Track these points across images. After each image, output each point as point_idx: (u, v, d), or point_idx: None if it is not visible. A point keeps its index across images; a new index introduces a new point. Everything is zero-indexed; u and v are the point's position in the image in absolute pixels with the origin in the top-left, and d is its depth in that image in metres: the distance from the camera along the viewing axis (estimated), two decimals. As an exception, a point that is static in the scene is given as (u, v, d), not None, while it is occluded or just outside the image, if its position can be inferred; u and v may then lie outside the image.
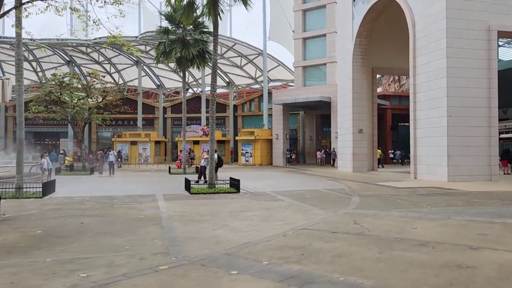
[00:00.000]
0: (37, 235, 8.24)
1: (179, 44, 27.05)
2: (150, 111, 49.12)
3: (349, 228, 8.87)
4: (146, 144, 43.57)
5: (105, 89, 32.51)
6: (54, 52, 43.00)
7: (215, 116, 17.25)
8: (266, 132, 39.06)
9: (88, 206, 12.44)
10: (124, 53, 43.57)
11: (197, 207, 12.24)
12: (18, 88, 15.30)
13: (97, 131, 49.82)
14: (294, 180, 22.37)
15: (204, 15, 20.90)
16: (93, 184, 19.74)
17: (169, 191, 16.89)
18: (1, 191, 14.87)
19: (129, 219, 10.18)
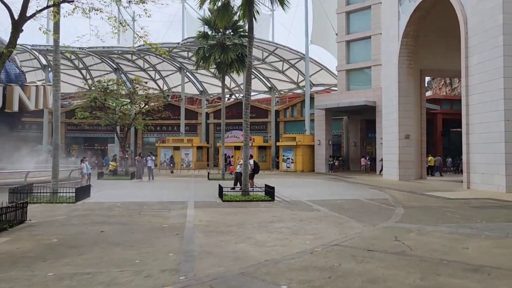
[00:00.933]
0: (51, 244, 7.87)
1: (218, 49, 26.77)
2: (193, 117, 49.46)
3: (388, 245, 7.84)
4: (189, 150, 43.77)
5: (148, 95, 32.86)
6: (101, 60, 44.32)
7: (249, 120, 16.60)
8: (308, 138, 38.00)
9: (115, 213, 12.12)
10: (168, 60, 44.14)
11: (225, 216, 11.58)
12: (55, 93, 15.42)
13: (142, 136, 50.80)
14: (334, 188, 21.24)
15: (238, 16, 20.32)
16: (129, 189, 19.65)
17: (202, 198, 16.39)
18: (38, 196, 15.00)
19: (151, 228, 9.67)
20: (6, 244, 7.81)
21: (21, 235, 8.66)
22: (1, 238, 8.35)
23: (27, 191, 14.78)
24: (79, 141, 51.83)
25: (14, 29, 9.46)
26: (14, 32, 9.49)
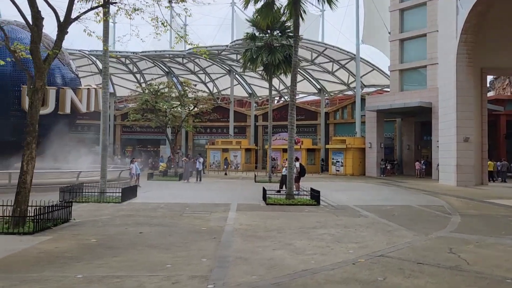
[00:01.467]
0: (89, 244, 7.87)
1: (266, 50, 26.50)
2: (242, 119, 49.60)
3: (442, 258, 7.10)
4: (237, 152, 43.90)
5: (196, 98, 33.24)
6: (154, 64, 45.57)
7: (294, 122, 16.10)
8: (359, 141, 36.77)
9: (158, 214, 12.12)
10: (217, 63, 44.57)
11: (266, 220, 11.20)
12: (103, 95, 15.80)
13: (193, 138, 51.65)
14: (385, 193, 20.21)
15: (285, 16, 19.92)
16: (175, 191, 19.79)
17: (246, 200, 16.11)
18: (87, 195, 15.42)
19: (190, 230, 9.48)
20: (47, 243, 7.90)
21: (63, 234, 8.77)
22: (44, 237, 8.49)
23: (77, 190, 15.19)
24: (133, 142, 53.54)
25: (59, 31, 9.67)
26: (59, 34, 9.71)
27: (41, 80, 9.43)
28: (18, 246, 7.63)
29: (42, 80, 9.45)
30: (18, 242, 7.98)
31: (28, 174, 9.44)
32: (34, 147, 9.52)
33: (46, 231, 9.11)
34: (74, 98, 18.98)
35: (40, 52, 9.40)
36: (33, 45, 9.22)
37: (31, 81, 9.45)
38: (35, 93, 9.40)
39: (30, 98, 9.47)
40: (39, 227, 9.11)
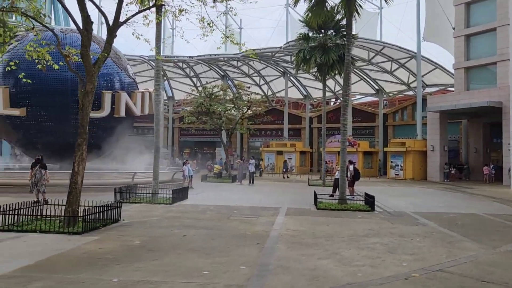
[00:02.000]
0: (132, 246, 7.85)
1: (319, 50, 25.86)
2: (297, 122, 49.03)
3: (511, 275, 6.25)
4: (292, 154, 43.35)
5: (250, 100, 33.25)
6: (210, 67, 46.32)
7: (347, 123, 15.40)
8: (420, 143, 34.86)
9: (206, 216, 12.01)
10: (272, 65, 44.42)
11: (315, 226, 10.68)
12: (156, 98, 16.06)
13: (248, 140, 51.84)
14: (448, 199, 18.82)
15: (341, 15, 19.20)
16: (227, 193, 19.74)
17: (296, 204, 15.65)
18: (140, 196, 15.72)
19: (234, 235, 9.23)
20: (92, 244, 7.98)
21: (109, 235, 8.85)
22: (91, 237, 8.61)
23: (131, 191, 15.52)
24: (190, 144, 54.76)
25: (109, 34, 9.85)
26: (108, 38, 9.88)
27: (91, 83, 9.63)
28: (65, 245, 7.76)
29: (92, 83, 9.66)
30: (67, 241, 8.13)
31: (79, 174, 9.67)
32: (85, 148, 9.75)
33: (95, 231, 9.26)
34: (129, 102, 19.54)
35: (90, 56, 9.61)
36: (83, 49, 9.45)
37: (82, 84, 9.68)
38: (86, 95, 9.62)
39: (81, 101, 9.71)
40: (88, 227, 9.28)
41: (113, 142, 22.69)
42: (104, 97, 18.69)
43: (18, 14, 8.73)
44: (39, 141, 19.33)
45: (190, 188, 20.02)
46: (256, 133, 49.14)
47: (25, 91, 18.97)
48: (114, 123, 20.51)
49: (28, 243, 7.92)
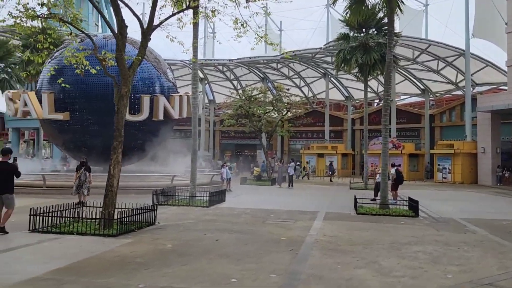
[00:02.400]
0: (163, 250, 7.77)
1: (360, 50, 25.13)
2: (338, 123, 48.09)
3: None
4: (333, 157, 42.54)
5: (289, 102, 32.91)
6: (249, 70, 46.38)
7: (388, 124, 14.75)
8: (469, 145, 33.09)
9: (241, 220, 11.83)
10: (312, 66, 43.83)
11: (354, 232, 10.22)
12: (193, 101, 16.12)
13: (289, 143, 51.44)
14: (501, 205, 17.63)
15: (383, 12, 18.54)
16: (265, 196, 19.51)
17: (336, 208, 15.17)
18: (178, 198, 15.81)
19: (268, 240, 8.97)
20: (125, 247, 7.98)
21: (143, 238, 8.85)
22: (125, 240, 8.64)
23: (169, 193, 15.63)
24: (231, 147, 55.04)
25: (143, 38, 9.90)
26: (143, 41, 9.93)
27: (126, 86, 9.71)
28: (99, 248, 7.80)
29: (127, 87, 9.74)
30: (101, 244, 8.18)
31: (115, 177, 9.77)
32: (120, 151, 9.84)
33: (130, 234, 9.29)
34: (167, 105, 19.77)
35: (125, 60, 9.70)
36: (118, 52, 9.54)
37: (117, 88, 9.79)
38: (121, 99, 9.71)
39: (116, 104, 9.81)
40: (123, 230, 9.34)
41: (155, 145, 23.10)
42: (142, 101, 19.02)
43: (55, 20, 8.94)
44: (84, 144, 19.95)
45: (228, 191, 19.97)
46: (297, 136, 48.62)
47: (72, 96, 19.65)
48: (156, 126, 20.82)
49: (64, 244, 8.04)
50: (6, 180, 9.07)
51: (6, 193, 9.03)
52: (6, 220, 9.08)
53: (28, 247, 7.86)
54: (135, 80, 19.46)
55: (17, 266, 6.44)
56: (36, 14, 8.83)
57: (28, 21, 8.89)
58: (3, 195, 9.00)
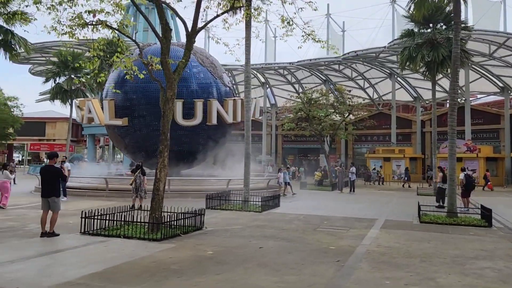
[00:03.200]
0: (202, 257, 7.51)
1: (427, 47, 23.51)
2: (406, 126, 45.66)
3: None
4: (400, 161, 40.46)
5: (351, 104, 31.73)
6: (311, 73, 45.59)
7: (455, 125, 13.39)
8: (557, 147, 29.69)
9: (291, 226, 11.32)
10: (377, 67, 42.07)
11: (413, 242, 9.30)
12: (246, 104, 15.89)
13: (353, 146, 49.83)
14: None
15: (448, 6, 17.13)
16: (322, 201, 18.76)
17: (398, 216, 14.11)
18: (232, 203, 15.64)
19: (314, 249, 8.39)
20: (165, 252, 7.84)
21: (186, 244, 8.68)
22: (168, 244, 8.52)
23: (222, 198, 15.50)
24: (294, 151, 54.47)
25: (188, 40, 9.81)
26: (188, 44, 9.84)
27: (171, 90, 9.67)
28: (140, 253, 7.73)
29: (173, 90, 9.69)
30: (143, 248, 8.12)
31: (161, 181, 9.74)
32: (166, 155, 9.80)
33: (175, 238, 9.18)
34: (220, 110, 19.75)
35: (169, 63, 9.65)
36: (162, 56, 9.52)
37: (163, 92, 9.77)
38: (166, 103, 9.68)
39: (162, 108, 9.80)
40: (168, 234, 9.26)
41: (215, 149, 23.29)
42: (196, 106, 19.17)
43: (103, 27, 9.11)
44: (145, 149, 20.54)
45: (283, 195, 19.50)
46: (362, 139, 46.98)
47: (134, 103, 20.37)
48: (215, 130, 20.91)
49: (108, 248, 8.07)
50: (52, 184, 9.23)
51: (53, 196, 9.20)
52: (54, 225, 9.19)
53: (74, 249, 8.00)
54: (192, 85, 19.74)
55: (57, 269, 6.50)
56: (85, 22, 9.04)
57: (79, 30, 9.12)
58: (49, 198, 9.17)
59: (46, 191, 9.22)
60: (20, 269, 6.37)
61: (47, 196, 9.17)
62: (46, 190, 9.23)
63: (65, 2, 8.94)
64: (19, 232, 9.55)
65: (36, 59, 47.49)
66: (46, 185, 9.25)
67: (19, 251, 7.54)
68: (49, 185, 9.21)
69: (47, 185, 9.23)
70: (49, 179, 9.24)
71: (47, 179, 9.25)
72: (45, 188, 9.28)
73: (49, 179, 9.24)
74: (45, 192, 9.23)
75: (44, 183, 9.33)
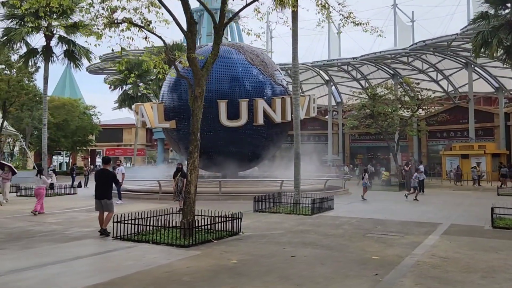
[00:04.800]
0: (222, 267, 6.84)
1: (504, 29, 20.87)
2: (487, 119, 41.54)
3: None
4: (480, 158, 36.86)
5: (419, 98, 29.38)
6: (377, 67, 43.22)
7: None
8: None
9: (338, 232, 10.27)
10: (451, 57, 38.73)
11: (477, 252, 7.86)
12: (294, 101, 15.01)
13: (427, 144, 46.51)
14: None
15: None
16: (385, 203, 17.22)
17: (466, 220, 12.42)
18: (283, 206, 14.83)
19: (353, 259, 7.35)
20: (186, 260, 7.29)
21: (213, 251, 8.06)
22: (193, 252, 7.97)
23: (272, 200, 14.73)
24: (362, 150, 52.15)
25: (215, 33, 9.23)
26: (216, 38, 9.25)
27: (200, 87, 9.14)
28: (160, 260, 7.27)
29: (201, 87, 9.15)
30: (166, 255, 7.65)
31: (192, 184, 9.23)
32: (196, 156, 9.28)
33: (204, 245, 8.61)
34: (267, 109, 18.92)
35: (197, 59, 9.13)
36: (188, 51, 9.02)
37: (191, 89, 9.29)
38: (195, 101, 9.17)
39: (191, 106, 9.31)
40: (199, 240, 8.73)
41: (271, 150, 22.61)
42: (241, 106, 18.54)
43: (129, 26, 8.81)
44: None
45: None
46: (436, 135, 43.71)
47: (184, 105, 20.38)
48: (270, 130, 20.22)
49: (129, 255, 7.70)
50: (106, 187, 9.67)
51: (105, 198, 9.59)
52: (108, 222, 9.54)
53: (94, 256, 7.73)
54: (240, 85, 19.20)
55: (62, 278, 6.18)
56: (111, 20, 8.82)
57: (105, 29, 8.93)
58: (102, 201, 9.57)
59: (99, 193, 9.69)
60: (27, 277, 6.14)
61: (100, 198, 9.61)
62: (99, 192, 9.70)
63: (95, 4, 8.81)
64: (57, 237, 9.57)
65: (109, 69, 50.45)
66: (99, 188, 9.72)
67: (40, 258, 7.40)
68: (103, 188, 9.66)
69: (100, 188, 9.69)
70: (103, 182, 9.72)
71: (101, 182, 9.72)
72: (98, 190, 9.77)
73: (103, 182, 9.71)
74: (98, 194, 9.71)
75: (98, 185, 9.80)
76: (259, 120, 18.57)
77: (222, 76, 19.15)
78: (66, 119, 44.99)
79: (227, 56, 19.46)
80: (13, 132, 38.69)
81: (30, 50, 22.41)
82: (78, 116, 47.11)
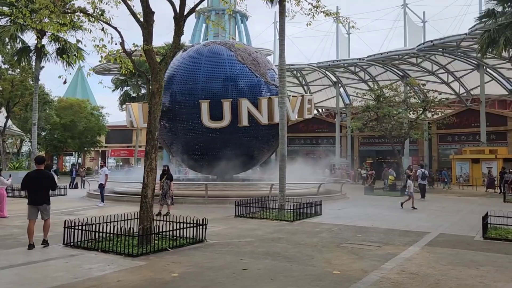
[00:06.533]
0: (156, 282, 6.12)
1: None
2: (500, 122, 40.00)
3: None
4: (492, 163, 35.41)
5: (425, 100, 28.25)
6: (385, 68, 42.02)
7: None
8: None
9: (312, 241, 9.45)
10: (461, 58, 37.38)
11: (453, 268, 6.97)
12: (280, 101, 14.22)
13: (438, 148, 45.09)
14: None
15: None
16: (378, 210, 16.23)
17: (458, 229, 11.49)
18: (267, 211, 14.04)
19: (311, 274, 6.56)
20: (122, 273, 6.59)
21: (160, 261, 7.35)
22: (139, 262, 7.28)
23: (254, 204, 13.94)
24: (371, 153, 50.86)
25: (176, 25, 8.53)
26: (176, 29, 8.55)
27: (157, 82, 8.46)
28: (93, 272, 6.57)
29: (158, 82, 8.48)
30: (105, 266, 6.97)
31: (149, 187, 8.55)
32: (154, 157, 8.59)
33: (156, 254, 7.90)
34: (251, 109, 18.09)
35: (154, 52, 8.46)
36: (144, 44, 8.35)
37: (148, 85, 8.61)
38: (153, 97, 8.49)
39: (148, 103, 8.63)
40: (152, 249, 8.04)
41: (265, 152, 21.85)
42: (223, 106, 17.75)
43: (88, 16, 8.18)
44: (186, 152, 19.81)
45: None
46: (447, 139, 42.40)
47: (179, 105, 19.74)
48: (264, 131, 19.46)
49: (67, 265, 7.05)
50: (45, 190, 8.51)
51: (44, 203, 8.45)
52: (48, 230, 8.59)
53: (27, 265, 7.01)
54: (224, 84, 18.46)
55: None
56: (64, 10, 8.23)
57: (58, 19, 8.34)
58: (41, 206, 8.39)
59: (37, 198, 8.37)
60: None
61: (38, 203, 8.35)
62: (37, 197, 8.37)
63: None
64: (7, 242, 8.99)
65: (115, 70, 50.31)
66: (37, 192, 8.38)
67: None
68: (41, 191, 8.40)
69: (38, 191, 8.38)
70: (40, 184, 8.41)
71: (39, 185, 8.40)
72: (36, 194, 8.40)
73: (40, 185, 8.40)
74: (36, 199, 8.36)
75: (35, 189, 8.42)
76: (243, 121, 17.78)
77: (209, 75, 18.48)
78: (73, 120, 44.93)
79: (217, 55, 18.79)
80: (17, 132, 38.71)
81: (23, 48, 22.12)
82: (85, 117, 46.99)
